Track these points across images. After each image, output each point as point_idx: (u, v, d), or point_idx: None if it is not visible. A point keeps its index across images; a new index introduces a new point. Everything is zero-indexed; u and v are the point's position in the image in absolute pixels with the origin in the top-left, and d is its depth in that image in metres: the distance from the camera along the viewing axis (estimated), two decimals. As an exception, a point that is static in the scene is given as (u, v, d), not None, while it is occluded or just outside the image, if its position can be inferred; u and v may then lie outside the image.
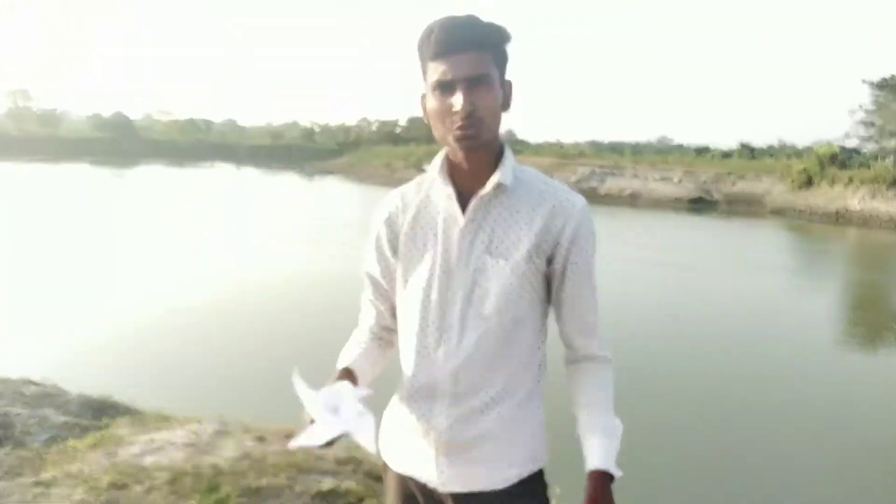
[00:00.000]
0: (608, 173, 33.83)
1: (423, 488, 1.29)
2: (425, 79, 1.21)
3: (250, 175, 41.09)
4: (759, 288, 11.65)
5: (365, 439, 0.98)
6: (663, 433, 5.09)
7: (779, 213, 27.76)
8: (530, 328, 1.26)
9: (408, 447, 1.31)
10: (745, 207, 29.39)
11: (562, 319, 1.28)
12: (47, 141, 55.94)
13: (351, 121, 68.83)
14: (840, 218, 25.66)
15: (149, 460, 3.08)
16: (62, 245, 12.20)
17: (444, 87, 1.15)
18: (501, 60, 1.20)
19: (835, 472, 4.76)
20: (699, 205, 29.95)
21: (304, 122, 71.69)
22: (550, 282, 1.27)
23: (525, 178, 1.26)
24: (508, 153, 1.26)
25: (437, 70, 1.15)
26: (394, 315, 1.35)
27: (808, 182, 28.31)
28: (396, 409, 1.34)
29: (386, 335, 1.38)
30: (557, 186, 1.27)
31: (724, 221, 24.85)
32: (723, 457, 4.99)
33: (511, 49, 1.23)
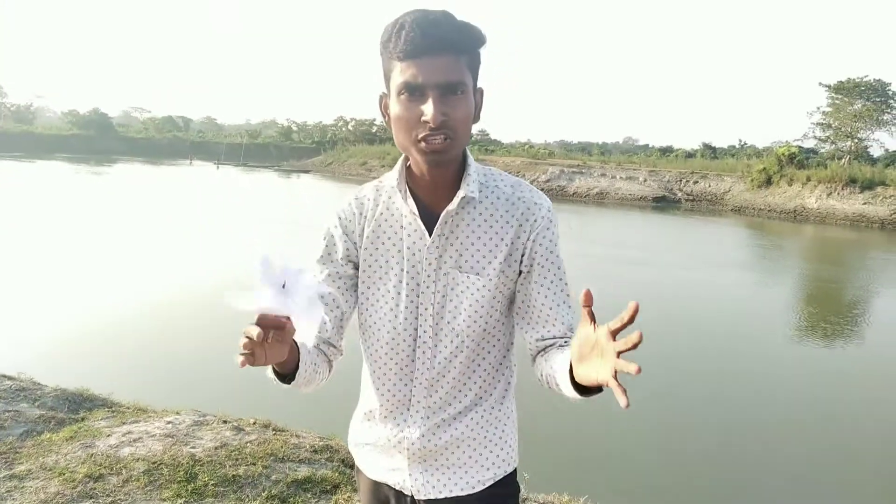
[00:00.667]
0: (577, 173, 34.32)
1: (398, 495, 1.28)
2: (388, 78, 1.10)
3: (228, 173, 40.70)
4: (716, 282, 12.11)
5: (306, 330, 0.91)
6: (632, 426, 5.31)
7: (739, 211, 28.51)
8: (503, 333, 1.24)
9: (379, 456, 1.29)
10: (707, 206, 30.15)
11: (532, 315, 1.20)
12: (22, 137, 55.09)
13: (328, 120, 68.90)
14: (798, 216, 26.51)
15: (126, 451, 3.08)
16: (38, 241, 12.07)
17: (413, 92, 1.04)
18: (475, 66, 1.10)
19: (792, 467, 5.03)
20: (662, 203, 30.64)
21: (282, 121, 71.72)
22: (517, 285, 1.21)
23: (490, 184, 1.20)
24: (471, 160, 1.19)
25: (405, 72, 1.04)
26: (337, 328, 1.24)
27: (768, 181, 29.11)
28: (365, 421, 1.32)
29: (325, 349, 1.24)
30: (523, 188, 1.21)
31: (686, 219, 25.43)
32: (681, 449, 5.19)
33: (484, 53, 1.12)
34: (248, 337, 0.87)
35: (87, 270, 9.99)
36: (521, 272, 1.20)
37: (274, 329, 0.90)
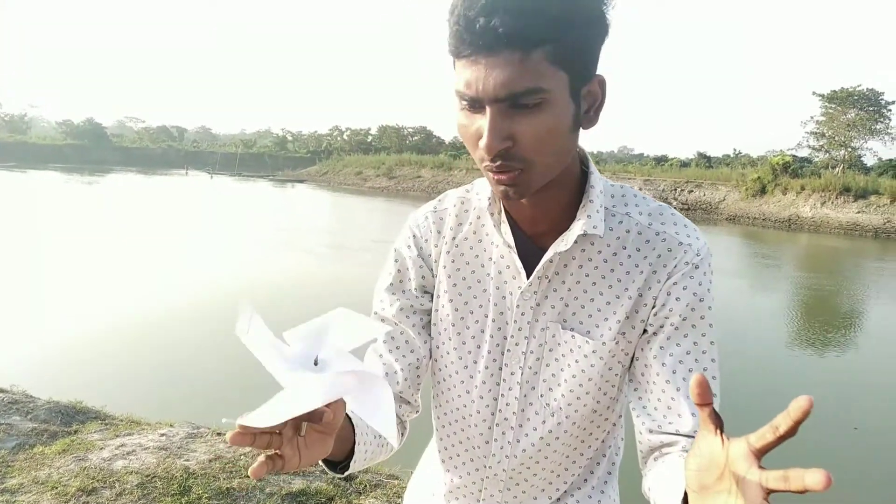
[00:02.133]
0: (572, 181, 34.36)
1: None
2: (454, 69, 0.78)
3: (222, 182, 40.67)
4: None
5: (376, 420, 0.65)
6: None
7: (734, 220, 28.61)
8: (613, 410, 0.94)
9: None
10: (702, 214, 30.23)
11: (650, 396, 0.86)
12: (16, 147, 55.33)
13: (323, 129, 69.16)
14: (792, 224, 26.58)
15: (119, 464, 3.06)
16: (29, 252, 12.05)
17: (470, 104, 0.76)
18: (572, 54, 0.73)
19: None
20: (659, 212, 30.66)
21: (277, 130, 71.96)
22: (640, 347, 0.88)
23: (619, 212, 0.88)
24: (594, 178, 0.87)
25: (460, 75, 0.75)
26: (411, 378, 0.96)
27: (762, 190, 29.21)
28: (425, 489, 1.09)
29: (396, 407, 0.96)
30: (666, 219, 0.88)
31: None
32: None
33: (611, 15, 0.77)
34: (264, 433, 0.62)
35: (81, 282, 9.96)
36: (645, 331, 0.87)
37: (308, 421, 0.65)
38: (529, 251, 0.89)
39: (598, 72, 0.79)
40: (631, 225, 0.87)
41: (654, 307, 0.85)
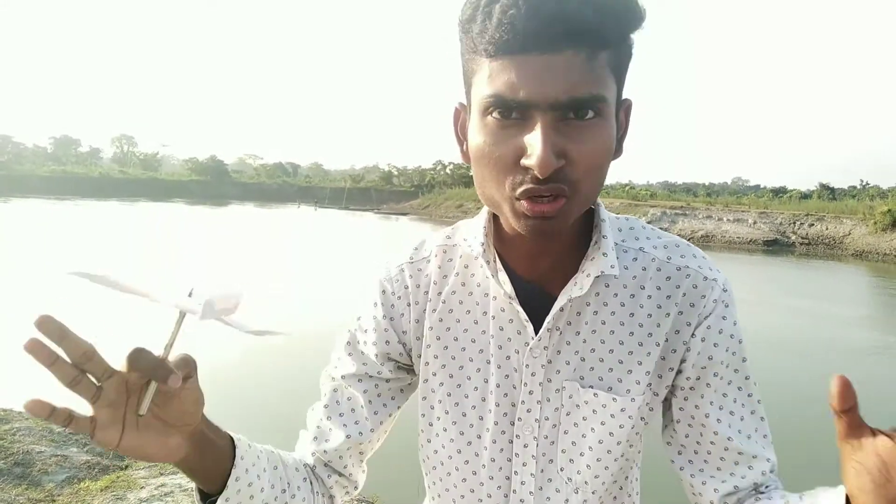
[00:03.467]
0: (680, 214, 33.17)
1: None
2: (469, 82, 0.68)
3: (326, 214, 42.55)
4: (844, 337, 11.18)
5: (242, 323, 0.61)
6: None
7: (861, 256, 26.38)
8: (632, 475, 0.84)
9: None
10: (824, 249, 28.14)
11: (712, 455, 0.77)
12: (147, 183, 60.94)
13: (427, 164, 71.04)
14: (931, 262, 24.19)
15: None
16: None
17: (510, 112, 0.63)
18: (622, 65, 0.66)
19: None
20: (774, 247, 28.91)
21: (384, 166, 74.68)
22: (670, 398, 0.80)
23: (631, 247, 0.78)
24: (601, 210, 0.76)
25: (497, 77, 0.62)
26: (355, 453, 0.84)
27: (893, 224, 26.85)
28: None
29: (323, 474, 0.84)
30: (683, 251, 0.78)
31: (802, 264, 23.83)
32: None
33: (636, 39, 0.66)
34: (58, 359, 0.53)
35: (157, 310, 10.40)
36: (674, 384, 0.78)
37: (149, 372, 0.56)
38: (532, 299, 0.76)
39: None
40: (647, 261, 0.77)
41: (685, 355, 0.76)
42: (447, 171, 63.55)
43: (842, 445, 0.52)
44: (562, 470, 0.78)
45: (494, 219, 0.78)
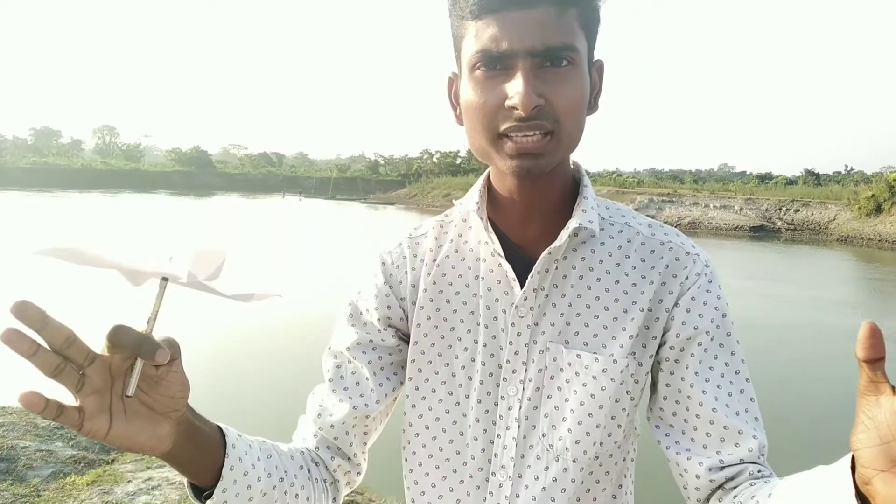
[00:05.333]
0: (667, 201, 33.30)
1: None
2: (458, 49, 0.75)
3: (314, 205, 42.37)
4: (824, 323, 11.27)
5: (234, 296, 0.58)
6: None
7: (846, 241, 26.64)
8: (626, 451, 0.81)
9: None
10: (809, 235, 28.42)
11: (697, 430, 0.76)
12: (130, 174, 60.45)
13: (414, 153, 70.82)
14: (913, 246, 24.46)
15: (142, 500, 3.02)
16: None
17: (493, 63, 0.70)
18: (593, 23, 0.73)
19: None
20: (761, 233, 29.14)
21: (370, 155, 74.49)
22: (656, 374, 0.80)
23: (617, 221, 0.82)
24: (586, 181, 0.82)
25: (482, 34, 0.70)
26: (357, 429, 0.82)
27: (878, 209, 27.09)
28: None
29: (326, 457, 0.81)
30: (667, 230, 0.82)
31: (787, 249, 24.03)
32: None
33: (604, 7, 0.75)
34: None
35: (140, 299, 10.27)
36: (658, 358, 0.78)
37: (134, 349, 0.53)
38: (520, 261, 0.79)
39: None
40: (632, 234, 0.81)
41: (668, 324, 0.77)
42: (434, 159, 63.45)
43: (859, 400, 0.50)
44: (543, 436, 0.78)
45: (489, 186, 0.83)
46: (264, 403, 5.55)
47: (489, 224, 0.80)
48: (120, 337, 0.52)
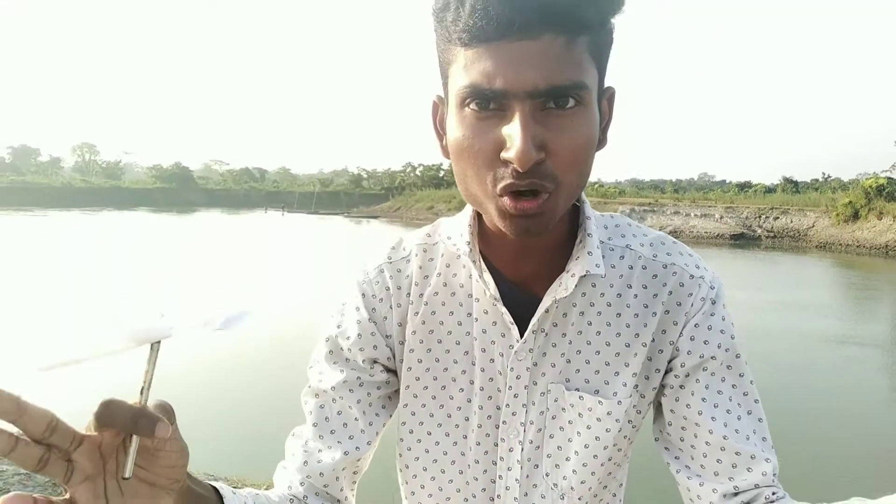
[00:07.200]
0: (648, 211, 33.61)
1: None
2: (445, 73, 0.65)
3: (295, 219, 42.15)
4: (799, 328, 11.39)
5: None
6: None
7: (825, 247, 27.05)
8: (622, 481, 0.83)
9: None
10: (789, 242, 28.80)
11: (709, 456, 0.73)
12: (111, 192, 59.79)
13: (396, 166, 70.88)
14: (890, 251, 24.81)
15: None
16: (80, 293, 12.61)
17: (487, 103, 0.60)
18: (603, 51, 0.63)
19: None
20: (741, 241, 29.49)
21: (353, 169, 74.38)
22: (660, 398, 0.77)
23: (617, 245, 0.76)
24: (586, 208, 0.75)
25: (473, 66, 0.59)
26: (349, 472, 0.78)
27: (855, 215, 27.55)
28: None
29: None
30: (669, 248, 0.76)
31: (767, 257, 24.31)
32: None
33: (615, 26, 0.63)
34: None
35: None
36: (664, 383, 0.75)
37: (128, 426, 0.47)
38: (516, 301, 0.73)
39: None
40: (633, 259, 0.75)
41: (673, 354, 0.74)
42: (417, 172, 63.51)
43: None
44: (547, 475, 0.76)
45: (479, 217, 0.75)
46: (248, 418, 5.49)
47: (482, 262, 0.74)
48: (112, 414, 0.46)
